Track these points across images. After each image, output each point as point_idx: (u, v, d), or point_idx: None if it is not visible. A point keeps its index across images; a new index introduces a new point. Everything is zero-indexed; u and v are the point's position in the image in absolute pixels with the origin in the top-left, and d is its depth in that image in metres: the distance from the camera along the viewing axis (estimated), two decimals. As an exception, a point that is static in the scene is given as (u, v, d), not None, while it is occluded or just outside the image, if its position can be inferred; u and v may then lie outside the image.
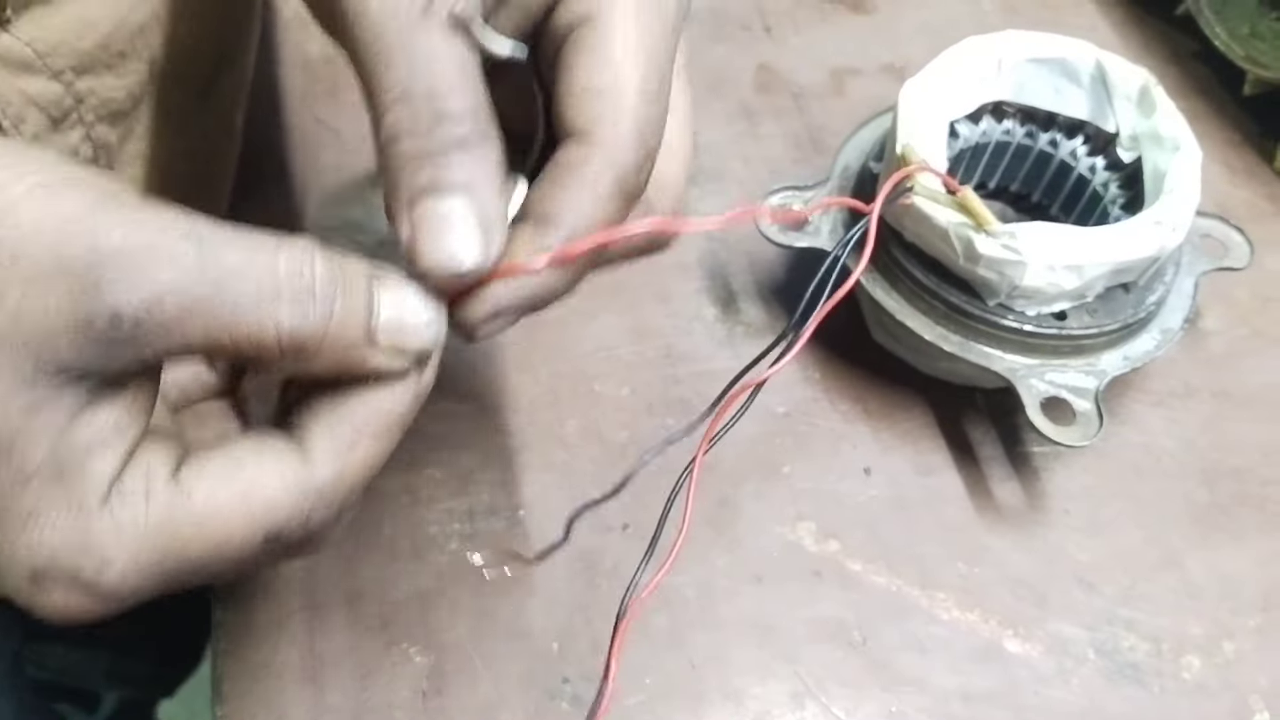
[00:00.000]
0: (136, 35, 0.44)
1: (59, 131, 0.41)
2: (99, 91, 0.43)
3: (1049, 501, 0.52)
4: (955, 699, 0.47)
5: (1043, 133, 0.56)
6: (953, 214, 0.48)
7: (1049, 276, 0.47)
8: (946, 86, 0.53)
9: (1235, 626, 0.49)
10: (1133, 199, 0.53)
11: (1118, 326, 0.50)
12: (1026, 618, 0.49)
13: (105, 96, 0.43)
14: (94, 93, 0.42)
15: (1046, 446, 0.53)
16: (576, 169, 0.32)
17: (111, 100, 0.44)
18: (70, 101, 0.41)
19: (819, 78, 0.68)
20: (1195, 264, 0.54)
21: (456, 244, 0.30)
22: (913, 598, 0.49)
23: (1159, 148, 0.52)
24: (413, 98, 0.30)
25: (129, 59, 0.44)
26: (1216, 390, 0.56)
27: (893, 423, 0.54)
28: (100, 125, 0.44)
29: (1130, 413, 0.55)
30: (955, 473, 0.53)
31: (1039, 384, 0.49)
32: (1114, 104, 0.54)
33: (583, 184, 0.32)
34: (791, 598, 0.49)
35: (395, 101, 0.31)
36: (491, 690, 0.46)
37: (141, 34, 0.44)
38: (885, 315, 0.51)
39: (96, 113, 0.43)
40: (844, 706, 0.46)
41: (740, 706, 0.46)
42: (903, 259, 0.50)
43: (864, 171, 0.55)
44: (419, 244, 0.31)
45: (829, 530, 0.51)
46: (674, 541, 0.41)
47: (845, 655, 0.47)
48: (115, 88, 0.44)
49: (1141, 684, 0.47)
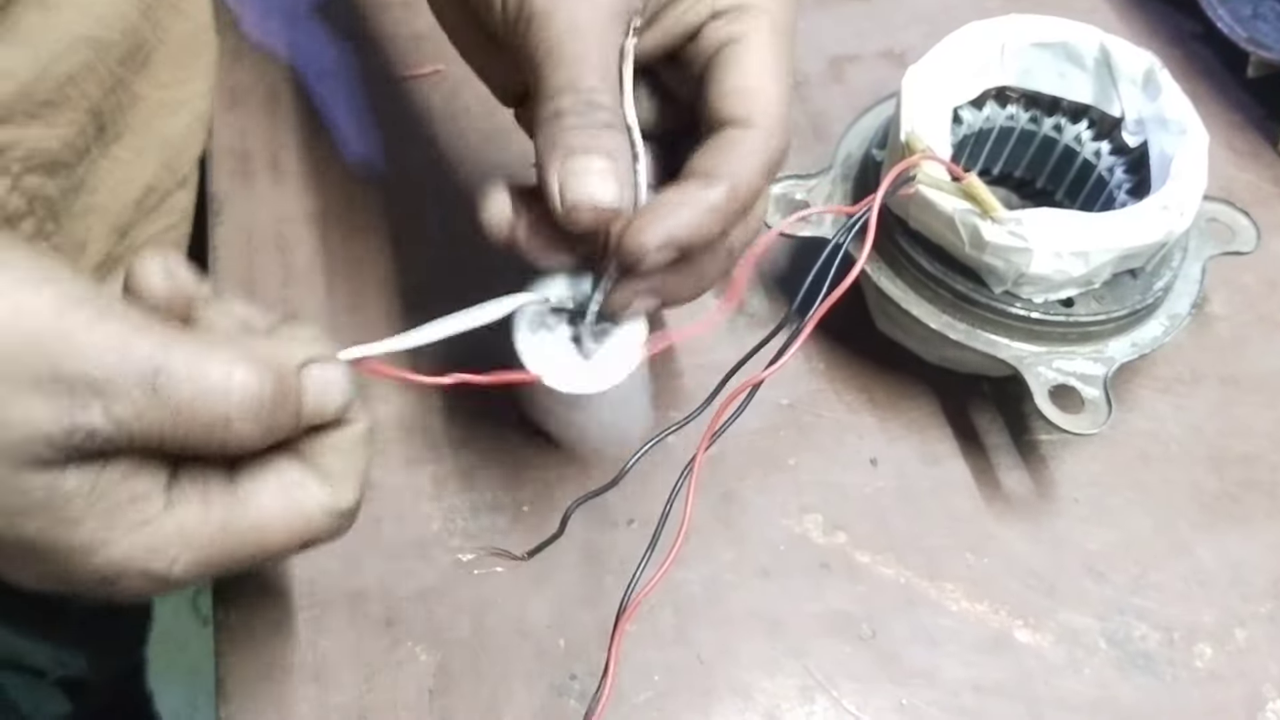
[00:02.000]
0: (65, 84, 0.43)
1: None
2: (24, 142, 0.42)
3: (1057, 490, 0.52)
4: (966, 690, 0.46)
5: (1047, 118, 0.55)
6: (958, 201, 0.47)
7: (1056, 263, 0.47)
8: (950, 72, 0.52)
9: (1247, 614, 0.49)
10: (1139, 184, 0.52)
11: (1125, 313, 0.49)
12: (1036, 608, 0.48)
13: (32, 147, 0.42)
14: (18, 143, 0.42)
15: (1054, 435, 0.53)
16: (738, 144, 0.40)
17: (42, 150, 0.43)
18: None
19: (818, 65, 0.67)
20: (1202, 249, 0.53)
21: (598, 187, 0.38)
22: (921, 589, 0.49)
23: (1164, 131, 0.51)
24: (578, 90, 0.38)
25: (60, 108, 0.43)
26: (1224, 376, 0.56)
27: (899, 413, 0.54)
28: (30, 176, 0.43)
29: (1138, 400, 0.55)
30: (962, 462, 0.52)
31: (1046, 372, 0.48)
32: (1119, 88, 0.53)
33: (744, 154, 0.39)
34: (799, 591, 0.48)
35: (561, 91, 0.38)
36: (498, 688, 0.45)
37: (73, 83, 0.43)
38: (890, 304, 0.50)
39: (24, 163, 0.42)
40: (854, 700, 0.46)
41: (749, 701, 0.46)
42: (908, 247, 0.50)
43: (866, 159, 0.54)
44: (569, 186, 0.38)
45: (836, 522, 0.50)
46: (674, 538, 0.41)
47: (854, 648, 0.47)
48: (45, 137, 0.43)
49: (1154, 673, 0.47)
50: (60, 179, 0.44)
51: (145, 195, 0.50)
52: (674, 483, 0.43)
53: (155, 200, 0.51)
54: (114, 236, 0.49)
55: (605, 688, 0.40)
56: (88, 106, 0.44)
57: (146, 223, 0.51)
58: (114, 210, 0.49)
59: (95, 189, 0.47)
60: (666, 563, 0.41)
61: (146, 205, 0.51)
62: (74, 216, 0.46)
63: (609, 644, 0.40)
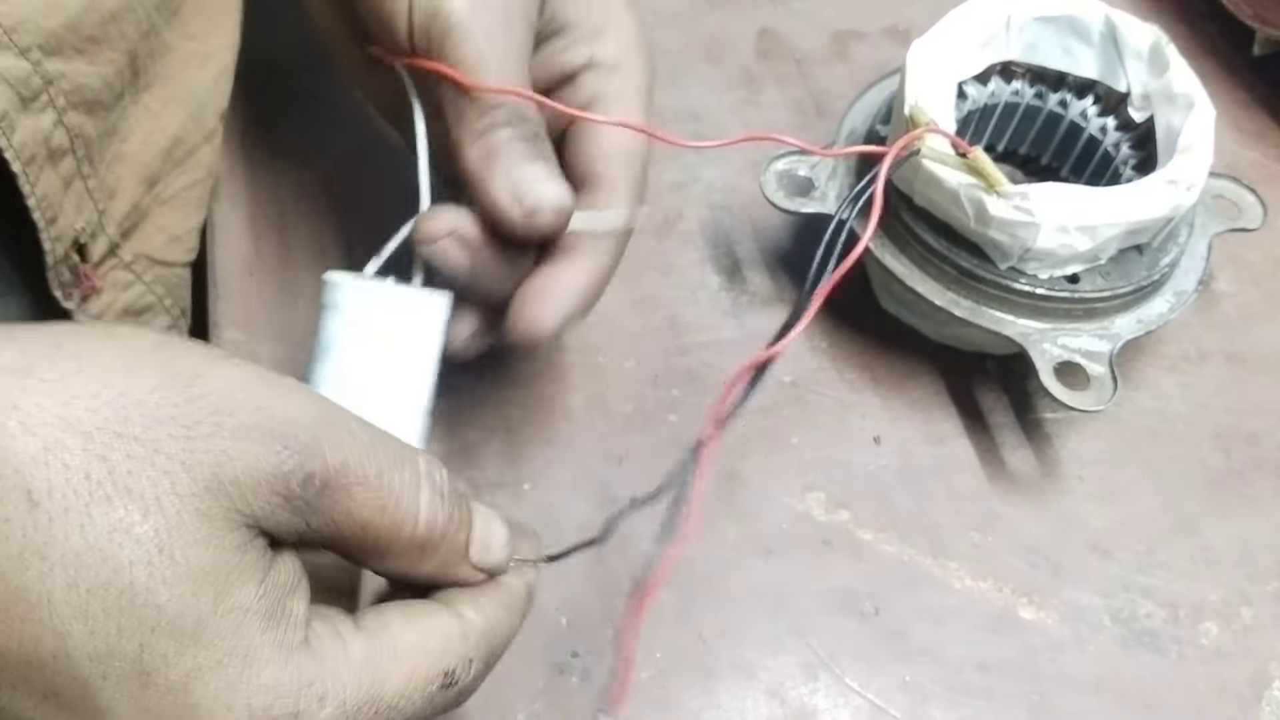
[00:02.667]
0: (109, 22, 0.43)
1: (29, 112, 0.40)
2: (70, 75, 0.42)
3: (1062, 468, 0.51)
4: (970, 668, 0.46)
5: (1052, 93, 0.55)
6: (963, 176, 0.47)
7: (1061, 238, 0.46)
8: (954, 47, 0.51)
9: (1253, 592, 0.48)
10: (1144, 159, 0.52)
11: (1131, 289, 0.49)
12: (1041, 586, 0.48)
13: (77, 82, 0.42)
14: (64, 76, 0.41)
15: (1059, 413, 0.52)
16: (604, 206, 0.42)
17: (85, 87, 0.43)
18: (39, 81, 0.40)
19: (821, 42, 0.67)
20: (1208, 225, 0.53)
21: (553, 190, 0.39)
22: (925, 567, 0.48)
23: (1171, 106, 0.51)
24: (506, 103, 0.39)
25: (102, 46, 0.43)
26: (1230, 354, 0.55)
27: (902, 391, 0.53)
28: (73, 112, 0.43)
29: (1143, 377, 0.54)
30: (966, 440, 0.52)
31: (1052, 348, 0.48)
32: (1125, 63, 0.52)
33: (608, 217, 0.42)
34: (802, 569, 0.48)
35: (492, 105, 0.39)
36: (500, 665, 0.45)
37: (114, 21, 0.43)
38: (894, 281, 0.50)
39: (69, 98, 0.42)
40: (857, 678, 0.45)
41: (752, 679, 0.45)
42: (912, 223, 0.49)
43: (871, 135, 0.54)
44: (526, 194, 0.38)
45: (839, 500, 0.50)
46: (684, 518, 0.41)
47: (858, 626, 0.47)
48: (88, 74, 0.43)
49: (1159, 651, 0.47)
50: (99, 120, 0.45)
51: (173, 146, 0.51)
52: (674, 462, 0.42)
53: (182, 153, 0.52)
54: (142, 187, 0.50)
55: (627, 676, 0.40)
56: (126, 48, 0.45)
57: (174, 176, 0.52)
58: (143, 160, 0.49)
59: (126, 136, 0.47)
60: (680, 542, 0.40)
61: (175, 157, 0.51)
62: (107, 162, 0.47)
63: (624, 627, 0.40)
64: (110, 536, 0.26)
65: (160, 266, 0.52)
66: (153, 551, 0.26)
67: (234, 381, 0.29)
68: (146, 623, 0.26)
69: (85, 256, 0.47)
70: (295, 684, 0.28)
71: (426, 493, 0.32)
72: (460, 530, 0.33)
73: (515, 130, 0.39)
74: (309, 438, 0.29)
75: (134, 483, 0.26)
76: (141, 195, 0.49)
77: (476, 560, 0.34)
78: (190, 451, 0.27)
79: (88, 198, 0.46)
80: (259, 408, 0.28)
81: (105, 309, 0.50)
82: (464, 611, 0.33)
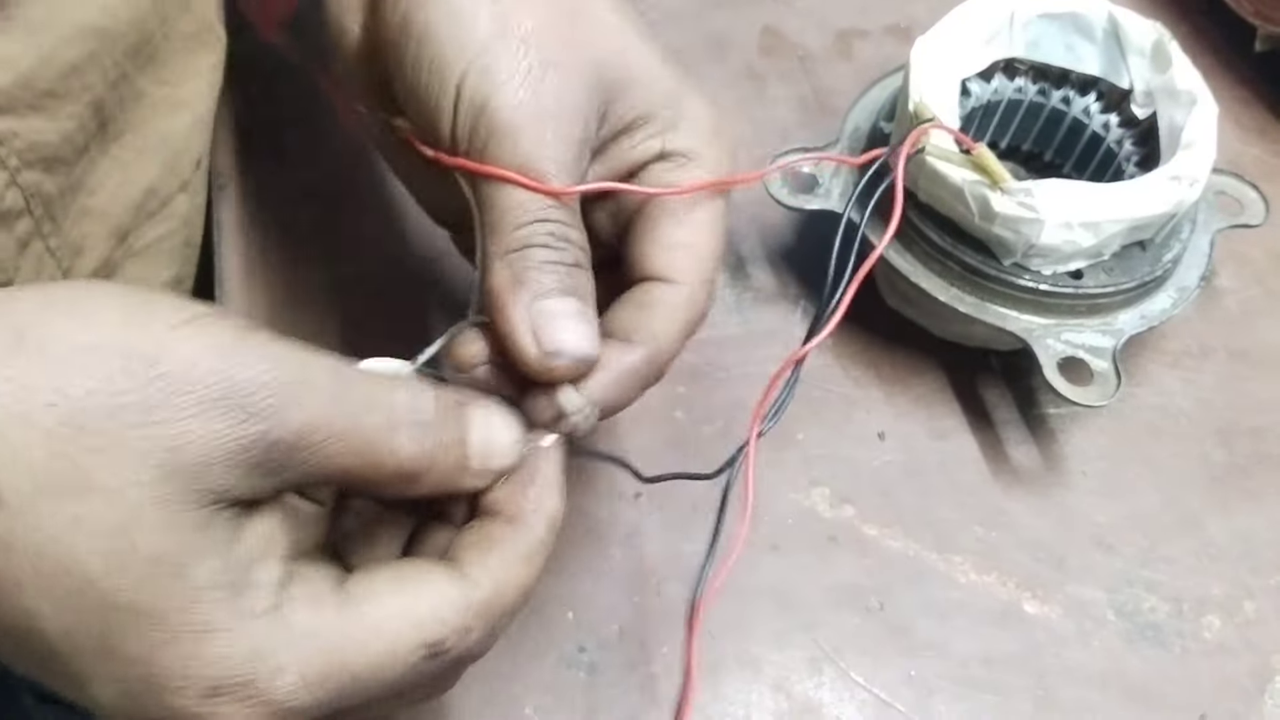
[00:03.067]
0: (69, 75, 0.41)
1: None
2: (23, 134, 0.40)
3: (1066, 464, 0.51)
4: (975, 662, 0.46)
5: (1055, 90, 0.55)
6: (967, 172, 0.47)
7: (1065, 234, 0.47)
8: (958, 44, 0.52)
9: (1256, 586, 0.49)
10: (1147, 156, 0.52)
11: (1134, 285, 0.49)
12: (1045, 580, 0.48)
13: (31, 140, 0.41)
14: (16, 135, 0.40)
15: (1063, 408, 0.52)
16: (662, 303, 0.38)
17: (41, 144, 0.41)
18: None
19: (825, 39, 0.67)
20: (1210, 222, 0.53)
21: (576, 335, 0.35)
22: (930, 562, 0.49)
23: (1174, 102, 0.51)
24: (548, 220, 0.35)
25: (61, 100, 0.41)
26: (1233, 349, 0.56)
27: (906, 387, 0.53)
28: (29, 171, 0.41)
29: (1146, 373, 0.54)
30: (970, 436, 0.52)
31: (1055, 344, 0.48)
32: (1127, 59, 0.53)
33: (667, 316, 0.38)
34: (807, 564, 0.48)
35: (529, 219, 0.35)
36: (506, 660, 0.45)
37: (76, 74, 0.41)
38: (899, 278, 0.50)
39: (22, 157, 0.41)
40: (863, 673, 0.46)
41: (758, 674, 0.46)
42: (916, 220, 0.50)
43: (874, 132, 0.54)
44: (545, 332, 0.34)
45: (844, 496, 0.50)
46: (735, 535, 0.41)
47: (863, 621, 0.47)
48: (44, 130, 0.41)
49: (1162, 645, 0.47)
50: (59, 176, 0.43)
51: (146, 198, 0.49)
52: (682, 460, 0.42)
53: (156, 204, 0.50)
54: (112, 240, 0.48)
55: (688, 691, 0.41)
56: (90, 100, 0.43)
57: (146, 227, 0.50)
58: (113, 213, 0.47)
59: (94, 190, 0.46)
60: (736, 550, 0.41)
61: (147, 208, 0.49)
62: (72, 218, 0.45)
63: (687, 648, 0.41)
64: (71, 530, 0.27)
65: None
66: (112, 542, 0.27)
67: (195, 354, 0.28)
68: (107, 604, 0.27)
69: None
70: (250, 654, 0.28)
71: (404, 429, 0.31)
72: (451, 450, 0.32)
73: (552, 253, 0.35)
74: (272, 402, 0.29)
75: (95, 476, 0.27)
76: (112, 249, 0.48)
77: (479, 469, 0.33)
78: (149, 438, 0.28)
79: (49, 256, 0.44)
80: (219, 378, 0.28)
81: None
82: (469, 572, 0.32)
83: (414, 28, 0.37)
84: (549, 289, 0.35)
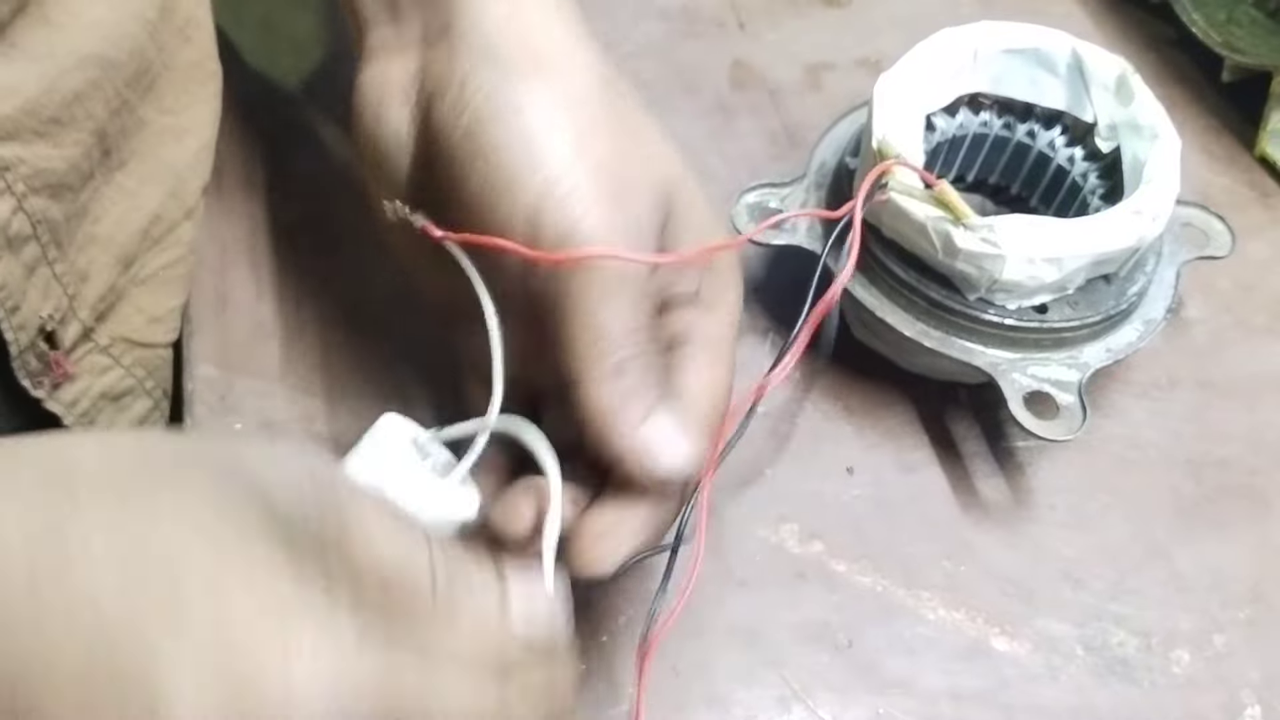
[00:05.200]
0: (73, 103, 0.42)
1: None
2: (30, 160, 0.41)
3: (1034, 497, 0.51)
4: (943, 699, 0.46)
5: (1020, 124, 0.55)
6: (930, 208, 0.47)
7: (1028, 269, 0.47)
8: (922, 79, 0.52)
9: (1225, 619, 0.48)
10: (1112, 189, 0.52)
11: (1099, 318, 0.49)
12: (1014, 615, 0.48)
13: (38, 166, 0.41)
14: (23, 161, 0.40)
15: (1030, 441, 0.52)
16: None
17: (47, 171, 0.42)
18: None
19: (794, 73, 0.67)
20: (1176, 253, 0.53)
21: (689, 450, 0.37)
22: (898, 598, 0.48)
23: (1137, 136, 0.51)
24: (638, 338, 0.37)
25: (66, 127, 0.42)
26: (1201, 380, 0.56)
27: (875, 420, 0.53)
28: (35, 197, 0.42)
29: (1114, 405, 0.55)
30: (939, 470, 0.52)
31: (1021, 378, 0.48)
32: (1091, 93, 0.53)
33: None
34: (775, 601, 0.48)
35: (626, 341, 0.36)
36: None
37: (79, 101, 0.42)
38: (865, 312, 0.50)
39: (28, 183, 0.41)
40: (831, 710, 0.45)
41: (726, 713, 0.45)
42: (881, 255, 0.50)
43: (840, 167, 0.54)
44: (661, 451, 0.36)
45: (812, 531, 0.50)
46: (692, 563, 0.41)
47: (831, 658, 0.47)
48: (50, 157, 0.42)
49: (1131, 680, 0.47)
50: (65, 203, 0.44)
51: (151, 225, 0.49)
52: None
53: (161, 231, 0.50)
54: (118, 268, 0.48)
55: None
56: (93, 128, 0.44)
57: (151, 255, 0.50)
58: (119, 240, 0.48)
59: (99, 218, 0.46)
60: (689, 586, 0.41)
61: (153, 235, 0.50)
62: (78, 245, 0.45)
63: (637, 681, 0.40)
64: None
65: (140, 349, 0.51)
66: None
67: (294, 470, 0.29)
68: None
69: (55, 343, 0.46)
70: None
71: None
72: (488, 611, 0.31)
73: (642, 366, 0.37)
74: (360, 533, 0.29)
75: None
76: (117, 276, 0.48)
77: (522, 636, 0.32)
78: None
79: (55, 283, 0.45)
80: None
81: (80, 395, 0.49)
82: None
83: (483, 143, 0.37)
84: (653, 408, 0.37)
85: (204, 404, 0.51)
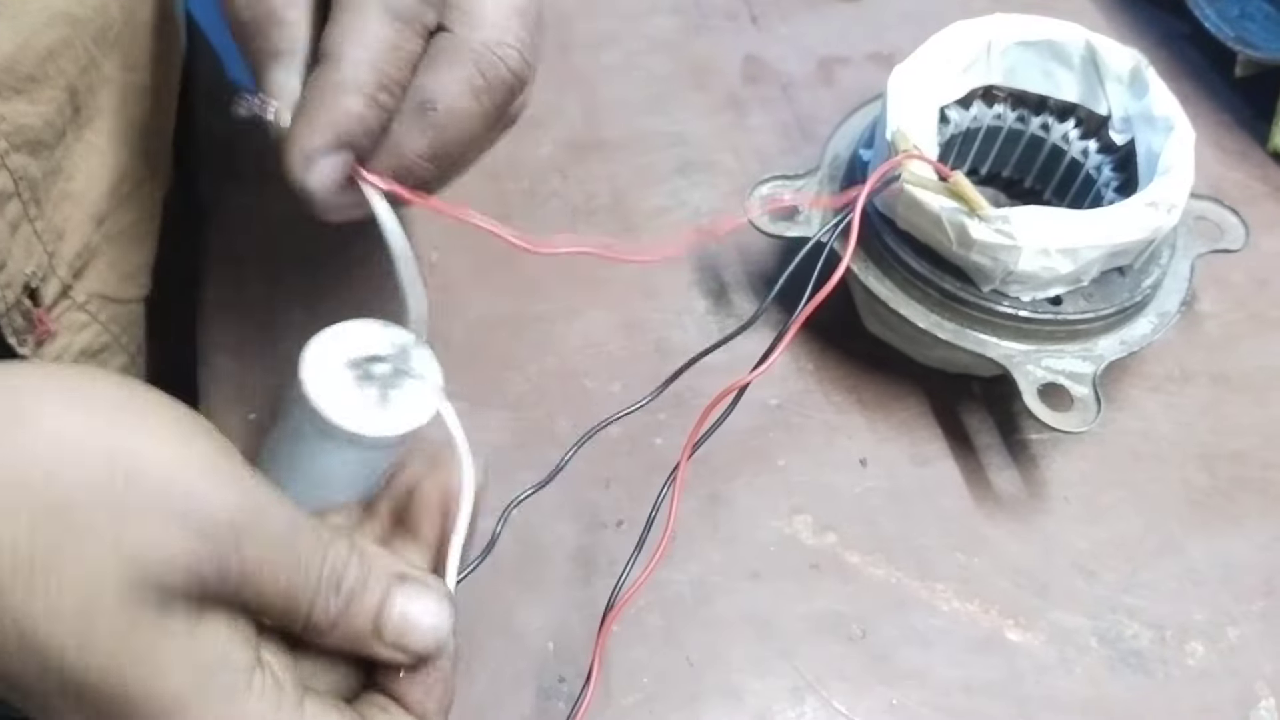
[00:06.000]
0: (46, 59, 0.43)
1: None
2: (10, 117, 0.41)
3: (1048, 490, 0.51)
4: (957, 691, 0.46)
5: (1034, 116, 0.55)
6: (945, 200, 0.47)
7: (1043, 261, 0.47)
8: (936, 72, 0.52)
9: (1238, 612, 0.48)
10: (1126, 182, 0.52)
11: (1114, 311, 0.49)
12: (1027, 607, 0.48)
13: (18, 123, 0.42)
14: (4, 118, 0.41)
15: (1044, 434, 0.52)
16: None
17: (26, 127, 0.42)
18: None
19: (807, 67, 0.67)
20: (1190, 246, 0.53)
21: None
22: (912, 589, 0.48)
23: (1151, 129, 0.51)
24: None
25: (41, 84, 0.43)
26: (1214, 374, 0.56)
27: (888, 413, 0.53)
28: (16, 154, 0.42)
29: (1127, 398, 0.54)
30: (952, 462, 0.52)
31: (1035, 370, 0.48)
32: (1105, 86, 0.53)
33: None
34: (789, 592, 0.48)
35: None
36: (486, 690, 0.45)
37: (52, 58, 0.43)
38: (879, 304, 0.50)
39: (10, 139, 0.42)
40: (845, 701, 0.45)
41: (739, 704, 0.45)
42: (895, 247, 0.50)
43: (854, 160, 0.54)
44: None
45: (826, 523, 0.50)
46: (660, 540, 0.41)
47: (845, 649, 0.47)
48: (28, 114, 0.42)
49: (1145, 672, 0.47)
50: (42, 160, 0.44)
51: (119, 182, 0.50)
52: (661, 485, 0.43)
53: (129, 188, 0.51)
54: (91, 224, 0.49)
55: (589, 690, 0.40)
56: (65, 84, 0.44)
57: (121, 212, 0.51)
58: (90, 198, 0.49)
59: (72, 175, 0.47)
60: (652, 564, 0.41)
61: (121, 192, 0.51)
62: (53, 202, 0.46)
63: (594, 645, 0.40)
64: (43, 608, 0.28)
65: (115, 304, 0.52)
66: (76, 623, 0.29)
67: (172, 469, 0.30)
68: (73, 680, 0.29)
69: (37, 300, 0.46)
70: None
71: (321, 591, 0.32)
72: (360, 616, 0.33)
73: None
74: (228, 533, 0.30)
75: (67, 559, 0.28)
76: (91, 233, 0.49)
77: (392, 642, 0.33)
78: (118, 533, 0.29)
79: (36, 240, 0.45)
80: (188, 499, 0.30)
81: (62, 352, 0.49)
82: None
83: None
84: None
85: (220, 394, 0.52)
